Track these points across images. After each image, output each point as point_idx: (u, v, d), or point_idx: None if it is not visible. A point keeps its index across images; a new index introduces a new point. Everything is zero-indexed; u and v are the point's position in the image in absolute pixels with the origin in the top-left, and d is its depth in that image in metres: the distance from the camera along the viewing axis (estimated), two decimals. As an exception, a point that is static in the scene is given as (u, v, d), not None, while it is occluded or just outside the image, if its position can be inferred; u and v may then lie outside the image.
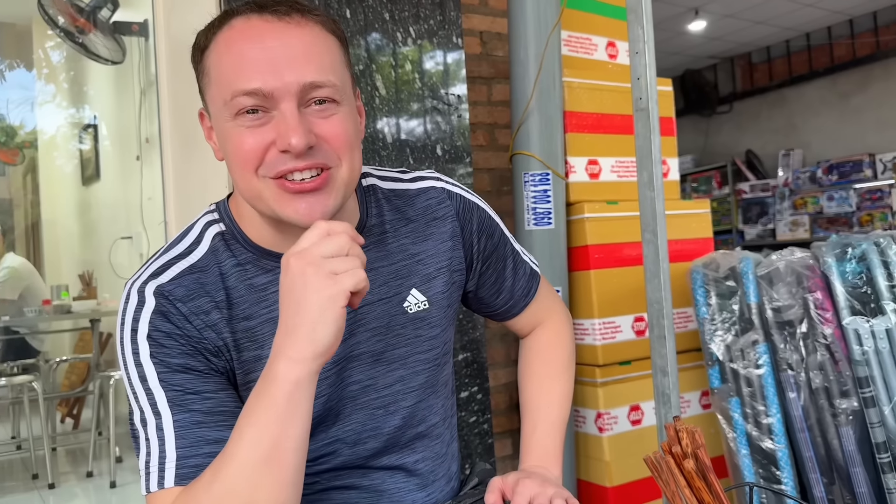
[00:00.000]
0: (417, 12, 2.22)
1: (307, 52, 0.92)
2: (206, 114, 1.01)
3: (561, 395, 1.24)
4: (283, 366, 0.84)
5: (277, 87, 0.90)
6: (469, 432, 2.24)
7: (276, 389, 0.84)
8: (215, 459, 0.86)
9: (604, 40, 2.80)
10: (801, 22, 6.55)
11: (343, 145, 0.94)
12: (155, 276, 0.97)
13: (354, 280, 0.84)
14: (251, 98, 0.90)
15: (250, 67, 0.90)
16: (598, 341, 2.46)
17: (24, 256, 4.76)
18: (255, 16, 0.93)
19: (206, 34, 0.97)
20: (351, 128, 0.96)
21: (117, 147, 4.04)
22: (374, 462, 1.09)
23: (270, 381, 0.84)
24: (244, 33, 0.92)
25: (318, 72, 0.92)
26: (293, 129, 0.89)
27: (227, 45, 0.93)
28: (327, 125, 0.93)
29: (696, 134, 8.02)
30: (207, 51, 0.96)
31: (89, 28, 3.13)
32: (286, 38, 0.92)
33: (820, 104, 6.99)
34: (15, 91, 4.21)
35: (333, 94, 0.93)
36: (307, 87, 0.91)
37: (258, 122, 0.92)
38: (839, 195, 6.52)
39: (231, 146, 0.94)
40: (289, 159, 0.91)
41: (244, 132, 0.92)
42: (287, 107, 0.90)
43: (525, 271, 1.25)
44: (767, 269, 2.13)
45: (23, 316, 4.08)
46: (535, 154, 2.39)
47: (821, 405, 2.03)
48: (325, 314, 0.83)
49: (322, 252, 0.84)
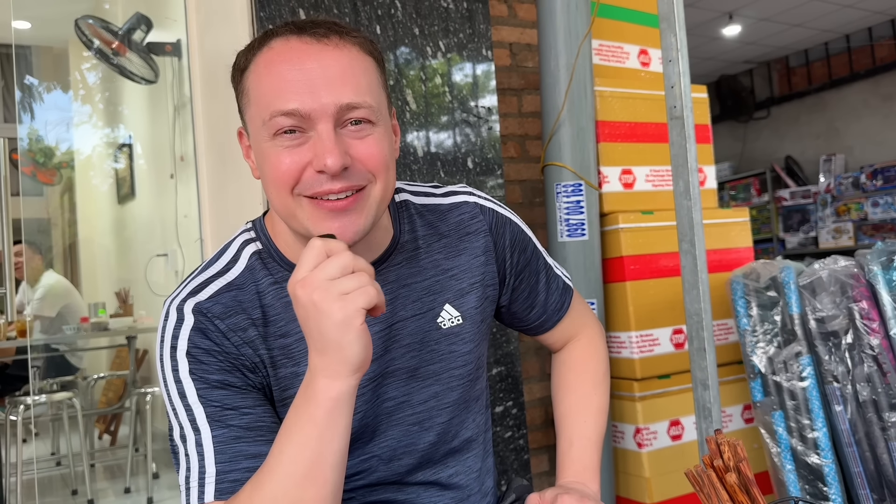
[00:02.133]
0: (447, 26, 2.22)
1: (344, 74, 0.93)
2: (245, 133, 1.03)
3: (597, 409, 1.23)
4: (323, 383, 0.84)
5: (315, 108, 0.91)
6: (505, 448, 2.20)
7: (316, 406, 0.85)
8: (255, 474, 0.87)
9: (636, 48, 2.77)
10: (840, 23, 6.43)
11: (378, 165, 0.95)
12: (193, 293, 0.99)
13: (366, 298, 0.83)
14: (289, 118, 0.92)
15: (289, 88, 0.91)
16: (635, 354, 2.41)
17: (63, 274, 4.84)
18: (294, 37, 0.94)
19: (246, 55, 0.98)
20: (386, 148, 0.97)
21: (152, 165, 4.11)
22: (409, 478, 1.10)
23: (310, 397, 0.85)
24: (283, 55, 0.94)
25: (354, 93, 0.93)
26: (329, 150, 0.90)
27: (266, 67, 0.95)
28: (363, 146, 0.94)
29: (734, 140, 7.91)
30: (247, 71, 0.97)
31: (123, 50, 3.18)
32: (324, 59, 0.93)
33: (862, 107, 6.85)
34: (52, 112, 4.31)
35: (369, 115, 0.94)
36: (344, 108, 0.92)
37: (296, 143, 0.93)
38: (884, 201, 6.36)
39: (269, 166, 0.95)
40: (325, 180, 0.92)
41: (282, 152, 0.93)
42: (324, 128, 0.91)
43: (558, 285, 1.25)
44: (810, 278, 2.07)
45: (62, 333, 4.16)
46: (567, 165, 2.36)
47: (869, 418, 1.96)
48: (347, 335, 0.82)
49: (326, 275, 0.83)
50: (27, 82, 4.32)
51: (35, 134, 4.13)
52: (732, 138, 7.91)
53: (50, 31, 4.41)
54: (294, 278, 0.85)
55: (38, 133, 4.16)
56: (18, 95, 4.27)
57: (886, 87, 6.65)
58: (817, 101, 7.20)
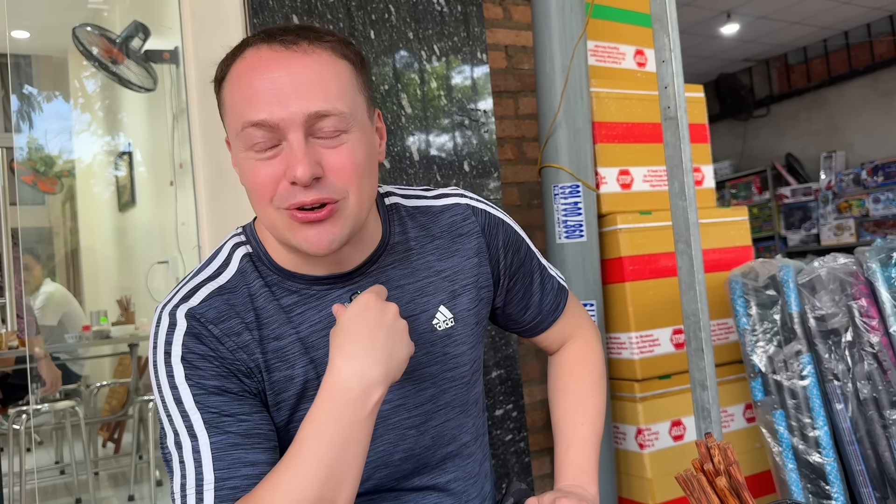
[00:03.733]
0: (441, 30, 2.21)
1: (312, 82, 0.92)
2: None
3: (594, 411, 1.22)
4: (371, 389, 0.89)
5: (283, 117, 0.91)
6: (505, 451, 2.20)
7: (359, 411, 0.88)
8: (273, 477, 0.88)
9: (632, 49, 2.76)
10: (838, 20, 6.41)
11: (349, 177, 0.95)
12: (185, 299, 0.99)
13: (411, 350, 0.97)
14: (259, 129, 0.92)
15: (258, 99, 0.92)
16: (635, 355, 2.40)
17: (64, 283, 4.85)
18: (265, 46, 0.94)
19: (223, 66, 0.99)
20: (360, 155, 0.96)
21: (152, 173, 4.11)
22: (406, 483, 1.09)
23: (350, 402, 0.88)
24: (253, 65, 0.94)
25: (323, 100, 0.92)
26: (299, 161, 0.90)
27: (238, 78, 0.95)
28: (335, 156, 0.94)
29: (733, 139, 7.89)
30: (224, 82, 0.98)
31: (122, 58, 3.18)
32: (292, 67, 0.92)
33: (862, 104, 6.83)
34: (53, 121, 4.32)
35: (339, 124, 0.94)
36: (312, 116, 0.92)
37: (269, 155, 0.93)
38: (885, 197, 6.34)
39: (246, 178, 0.96)
40: (298, 192, 0.92)
41: (256, 165, 0.94)
42: (294, 137, 0.91)
43: (553, 286, 1.24)
44: (809, 276, 2.07)
45: (63, 342, 4.16)
46: (564, 166, 2.36)
47: (870, 416, 1.96)
48: (403, 366, 0.94)
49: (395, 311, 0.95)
50: (26, 91, 4.33)
51: (35, 143, 4.13)
52: (732, 137, 7.89)
53: (49, 41, 4.42)
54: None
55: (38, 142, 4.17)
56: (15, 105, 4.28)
57: (886, 83, 6.63)
58: (817, 98, 7.19)
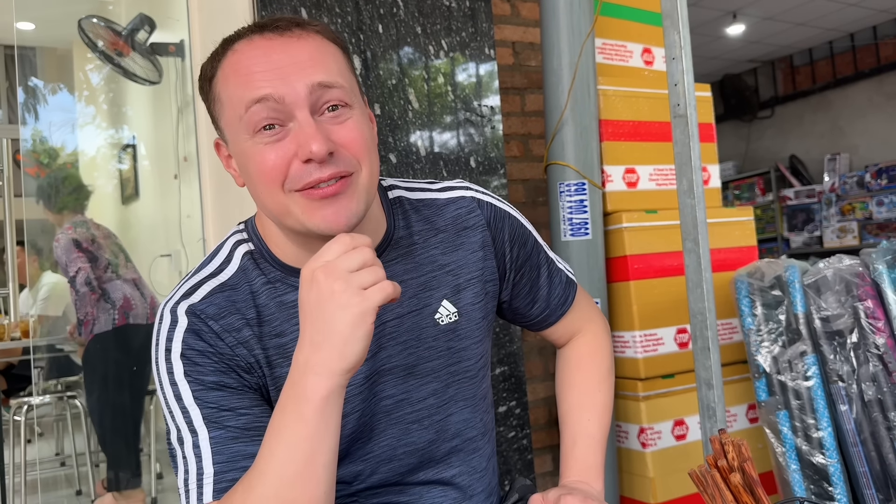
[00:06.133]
0: (449, 25, 2.21)
1: (312, 58, 0.93)
2: (223, 142, 1.02)
3: (601, 406, 1.21)
4: (313, 381, 0.83)
5: (287, 92, 0.90)
6: (508, 448, 2.20)
7: (306, 405, 0.83)
8: (245, 475, 0.86)
9: (639, 47, 2.76)
10: (844, 22, 6.41)
11: (361, 149, 0.95)
12: (186, 295, 0.99)
13: (383, 294, 0.83)
14: (264, 107, 0.91)
15: (258, 77, 0.91)
16: (639, 354, 2.40)
17: (68, 275, 4.85)
18: (257, 36, 0.94)
19: (211, 63, 0.98)
20: (366, 131, 0.97)
21: (156, 166, 4.10)
22: (411, 478, 1.09)
23: (298, 396, 0.84)
24: (248, 53, 0.94)
25: (325, 74, 0.92)
26: (312, 137, 0.90)
27: (233, 67, 0.94)
28: (344, 130, 0.93)
29: (738, 140, 7.89)
30: (215, 79, 0.97)
31: (127, 50, 3.17)
32: (290, 49, 0.93)
33: (867, 106, 6.83)
34: (57, 114, 4.31)
35: (344, 97, 0.94)
36: (316, 87, 0.91)
37: (277, 137, 0.92)
38: (889, 200, 6.34)
39: (254, 165, 0.94)
40: (313, 170, 0.91)
41: (264, 149, 0.92)
42: (302, 115, 0.91)
43: (561, 280, 1.23)
44: (815, 277, 2.06)
45: (66, 333, 4.15)
46: (570, 164, 2.35)
47: (874, 418, 1.95)
48: (357, 331, 0.82)
49: (348, 266, 0.83)
50: (31, 84, 4.32)
51: (39, 135, 4.12)
52: (736, 137, 7.89)
53: (54, 32, 4.41)
54: (314, 263, 0.84)
55: (42, 134, 4.16)
56: (21, 97, 4.27)
57: (891, 85, 6.62)
58: (821, 100, 7.18)
